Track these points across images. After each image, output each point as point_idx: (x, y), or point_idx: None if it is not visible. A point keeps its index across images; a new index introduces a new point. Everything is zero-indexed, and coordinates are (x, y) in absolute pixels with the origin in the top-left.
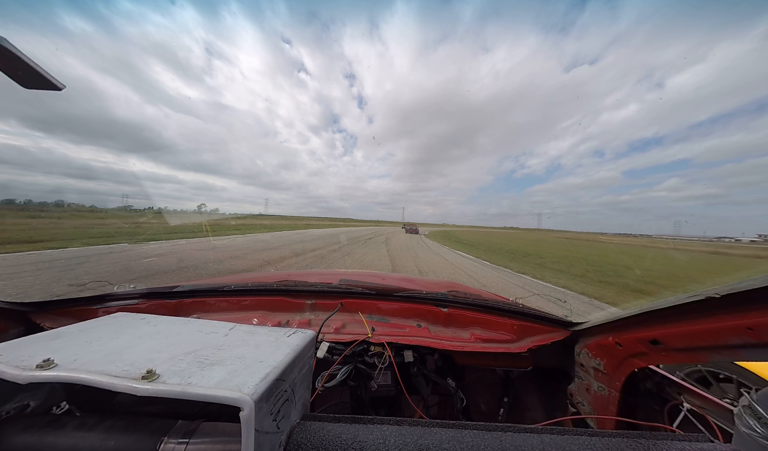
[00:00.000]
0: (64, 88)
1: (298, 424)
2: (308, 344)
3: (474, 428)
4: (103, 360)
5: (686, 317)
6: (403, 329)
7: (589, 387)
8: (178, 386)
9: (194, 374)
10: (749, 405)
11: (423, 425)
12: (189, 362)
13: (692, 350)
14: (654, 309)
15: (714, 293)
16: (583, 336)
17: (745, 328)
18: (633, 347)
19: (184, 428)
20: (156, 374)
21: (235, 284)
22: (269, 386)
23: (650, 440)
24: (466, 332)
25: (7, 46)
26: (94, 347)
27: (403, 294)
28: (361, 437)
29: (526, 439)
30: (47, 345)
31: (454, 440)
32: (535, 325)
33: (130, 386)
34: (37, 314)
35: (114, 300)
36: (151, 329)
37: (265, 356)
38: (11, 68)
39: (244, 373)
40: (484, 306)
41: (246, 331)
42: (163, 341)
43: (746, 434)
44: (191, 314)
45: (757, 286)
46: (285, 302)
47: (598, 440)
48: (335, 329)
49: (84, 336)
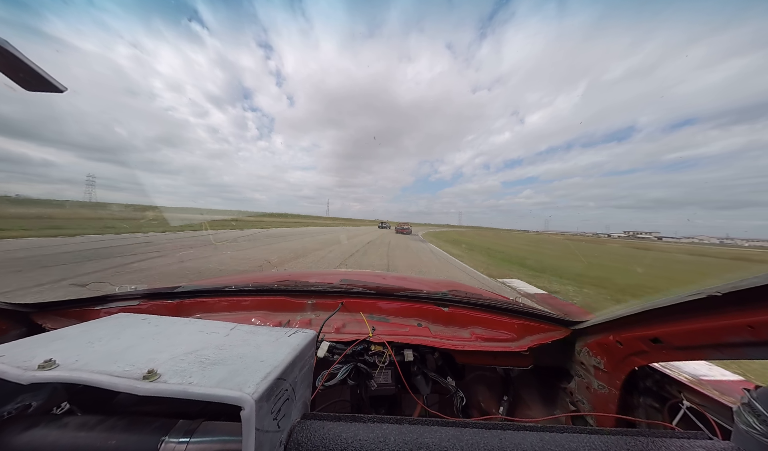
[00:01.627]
0: (66, 91)
1: (299, 423)
2: (309, 343)
3: (474, 426)
4: (104, 360)
5: (687, 315)
6: (403, 329)
7: (589, 385)
8: (179, 386)
9: (195, 374)
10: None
11: (423, 424)
12: (190, 361)
13: (693, 349)
14: (655, 307)
15: (715, 291)
16: (583, 335)
17: (746, 326)
18: (633, 345)
19: (185, 428)
20: (157, 374)
21: (236, 285)
22: (270, 385)
23: (650, 438)
24: (467, 331)
25: (8, 48)
26: (96, 348)
27: (403, 294)
28: (361, 436)
29: (525, 437)
30: (49, 346)
31: (454, 438)
32: (535, 324)
33: (131, 385)
34: (39, 315)
35: (115, 301)
36: (152, 330)
37: (265, 356)
38: (13, 70)
39: (245, 372)
40: (484, 305)
41: (247, 331)
42: (164, 341)
43: (745, 432)
44: (192, 314)
45: (758, 284)
46: (286, 302)
47: (597, 438)
48: (336, 328)
49: (85, 337)
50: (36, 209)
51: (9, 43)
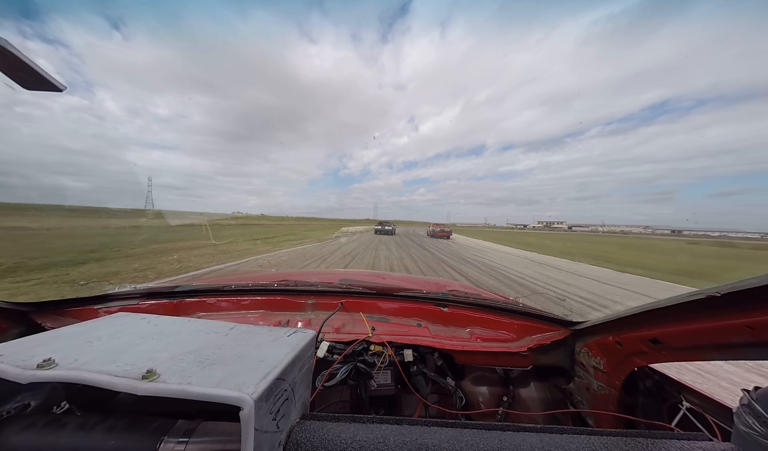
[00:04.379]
0: (65, 90)
1: (298, 423)
2: (308, 343)
3: (473, 427)
4: (103, 360)
5: (687, 315)
6: (403, 329)
7: (589, 386)
8: (179, 386)
9: (194, 374)
10: (748, 404)
11: (422, 425)
12: (189, 361)
13: (693, 349)
14: (654, 308)
15: (715, 291)
16: (583, 335)
17: (745, 327)
18: (633, 346)
19: (184, 428)
20: (156, 374)
21: (236, 284)
22: (269, 385)
23: (649, 439)
24: (466, 331)
25: (8, 47)
26: (95, 347)
27: (403, 294)
28: (360, 437)
29: (525, 438)
30: (48, 345)
31: (454, 439)
32: (535, 324)
33: (130, 385)
34: (38, 314)
35: (114, 300)
36: (151, 329)
37: (265, 356)
38: (12, 69)
39: (244, 372)
40: (484, 305)
41: (246, 330)
42: (163, 341)
43: (745, 433)
44: (192, 313)
45: (757, 284)
46: (285, 302)
47: (597, 439)
48: (335, 328)
49: (85, 336)
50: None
51: (9, 42)
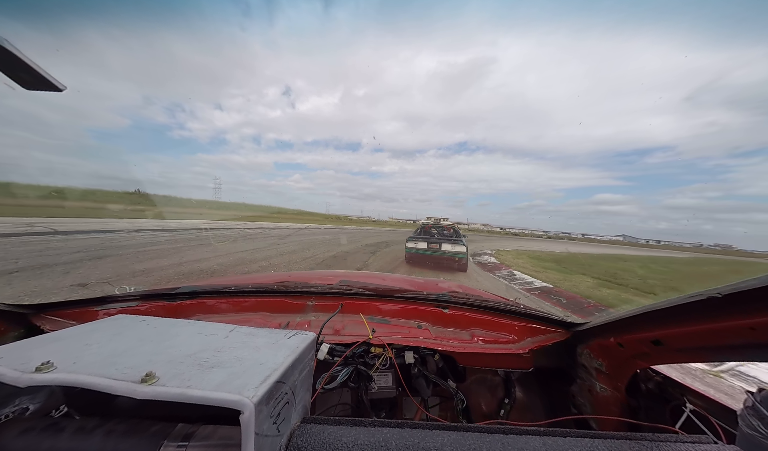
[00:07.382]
0: (65, 90)
1: (299, 427)
2: (308, 345)
3: (476, 430)
4: (102, 363)
5: (688, 317)
6: (403, 330)
7: (591, 388)
8: (178, 389)
9: (194, 377)
10: (753, 406)
11: (424, 428)
12: (189, 364)
13: (694, 351)
14: (656, 309)
15: (716, 292)
16: (584, 337)
17: (747, 328)
18: (635, 347)
19: (184, 432)
20: (155, 377)
21: (236, 286)
22: (269, 388)
23: (653, 442)
24: (467, 332)
25: (7, 47)
26: (94, 350)
27: (403, 295)
28: (362, 440)
29: (528, 441)
30: (47, 348)
31: (456, 442)
32: (536, 325)
33: (129, 388)
34: (37, 316)
35: (114, 302)
36: (150, 331)
37: (265, 359)
38: (12, 69)
39: (244, 375)
40: (485, 307)
41: (246, 333)
42: (162, 344)
43: (750, 435)
44: (191, 315)
45: (759, 285)
46: (285, 304)
47: (600, 442)
48: (336, 330)
49: (83, 338)
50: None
51: (9, 42)
